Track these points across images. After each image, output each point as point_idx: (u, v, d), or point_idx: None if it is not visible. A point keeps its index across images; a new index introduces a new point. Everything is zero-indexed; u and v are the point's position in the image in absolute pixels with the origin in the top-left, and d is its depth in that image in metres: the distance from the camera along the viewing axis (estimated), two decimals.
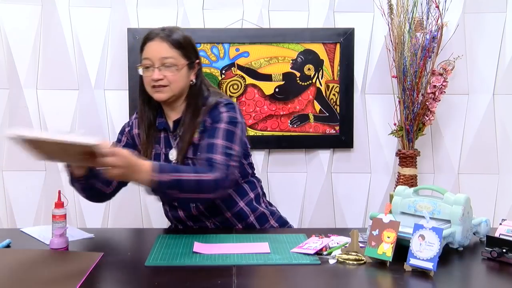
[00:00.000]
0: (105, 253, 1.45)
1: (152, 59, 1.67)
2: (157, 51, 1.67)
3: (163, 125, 1.76)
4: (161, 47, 1.67)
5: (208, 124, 1.68)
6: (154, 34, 1.69)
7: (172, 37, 1.68)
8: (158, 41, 1.67)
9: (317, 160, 2.66)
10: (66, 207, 1.53)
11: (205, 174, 1.54)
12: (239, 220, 1.79)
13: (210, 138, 1.63)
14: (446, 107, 2.62)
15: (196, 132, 1.68)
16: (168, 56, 1.66)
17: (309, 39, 2.58)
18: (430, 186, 1.65)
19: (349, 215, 2.69)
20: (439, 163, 2.68)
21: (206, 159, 1.59)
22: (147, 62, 1.68)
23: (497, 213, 2.64)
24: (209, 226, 1.78)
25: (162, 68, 1.66)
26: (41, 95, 2.59)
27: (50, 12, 2.55)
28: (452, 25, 2.54)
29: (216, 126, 1.65)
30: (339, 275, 1.32)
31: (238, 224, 1.79)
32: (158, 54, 1.66)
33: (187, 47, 1.71)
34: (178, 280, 1.29)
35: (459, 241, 1.47)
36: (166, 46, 1.67)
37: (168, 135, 1.76)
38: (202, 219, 1.77)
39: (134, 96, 2.56)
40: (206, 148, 1.62)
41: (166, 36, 1.67)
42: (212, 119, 1.68)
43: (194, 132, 1.68)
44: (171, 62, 1.67)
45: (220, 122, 1.66)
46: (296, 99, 2.60)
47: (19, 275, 1.29)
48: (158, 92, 1.68)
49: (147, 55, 1.68)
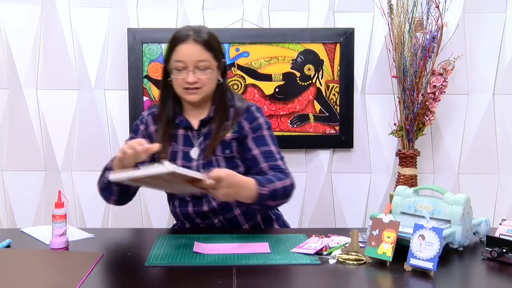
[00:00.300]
0: (105, 253, 1.45)
1: (187, 62, 1.67)
2: (191, 54, 1.67)
3: (185, 123, 1.76)
4: (195, 50, 1.67)
5: (247, 128, 1.73)
6: (185, 35, 1.68)
7: (204, 39, 1.68)
8: (191, 44, 1.67)
9: (317, 160, 2.66)
10: (66, 207, 1.53)
11: (285, 181, 1.65)
12: (247, 219, 1.78)
13: (263, 146, 1.73)
14: (446, 107, 2.62)
15: (229, 131, 1.73)
16: (202, 59, 1.67)
17: (309, 39, 2.58)
18: (430, 186, 1.65)
19: (349, 215, 2.69)
20: (439, 163, 2.68)
21: (274, 167, 1.69)
22: (181, 64, 1.68)
23: (497, 213, 2.64)
24: (216, 224, 1.77)
25: (196, 70, 1.68)
26: (41, 95, 2.59)
27: (50, 12, 2.55)
28: (452, 25, 2.54)
29: (262, 133, 1.74)
30: (339, 275, 1.32)
31: (245, 224, 1.78)
32: (193, 57, 1.67)
33: (218, 48, 1.73)
34: (178, 280, 1.29)
35: (459, 241, 1.47)
36: (200, 49, 1.67)
37: (188, 133, 1.76)
38: (210, 216, 1.76)
39: (134, 96, 2.57)
40: (265, 156, 1.71)
41: (199, 38, 1.68)
42: (251, 123, 1.74)
43: (227, 131, 1.73)
44: (206, 65, 1.68)
45: (262, 128, 1.75)
46: (296, 99, 2.61)
47: (19, 275, 1.29)
48: (192, 94, 1.70)
49: (181, 58, 1.67)
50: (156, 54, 2.57)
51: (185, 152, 1.75)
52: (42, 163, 2.61)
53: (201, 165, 1.72)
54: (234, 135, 1.73)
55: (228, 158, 1.73)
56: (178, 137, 1.76)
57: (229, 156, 1.74)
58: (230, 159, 1.74)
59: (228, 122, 1.74)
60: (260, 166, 1.70)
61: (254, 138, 1.73)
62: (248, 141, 1.73)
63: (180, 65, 1.68)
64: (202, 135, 1.75)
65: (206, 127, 1.75)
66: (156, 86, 2.57)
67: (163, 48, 2.56)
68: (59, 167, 2.61)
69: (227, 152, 1.72)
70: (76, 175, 2.63)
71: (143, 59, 2.56)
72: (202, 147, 1.73)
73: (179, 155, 1.75)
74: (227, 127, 1.73)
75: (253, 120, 1.75)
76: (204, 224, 1.77)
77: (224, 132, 1.73)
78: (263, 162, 1.70)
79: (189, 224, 1.80)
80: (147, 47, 2.56)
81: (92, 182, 2.61)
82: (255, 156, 1.71)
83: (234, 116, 1.74)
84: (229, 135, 1.73)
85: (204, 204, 1.74)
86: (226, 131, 1.73)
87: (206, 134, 1.74)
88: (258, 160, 1.71)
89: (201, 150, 1.73)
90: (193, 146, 1.75)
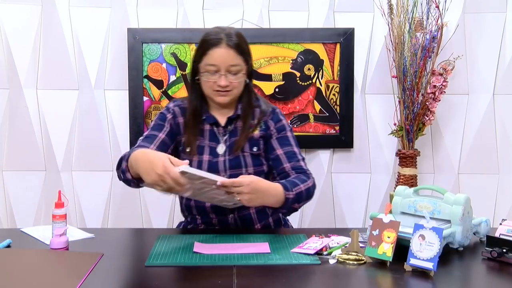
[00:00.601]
0: (105, 253, 1.45)
1: (219, 66, 1.70)
2: (225, 58, 1.69)
3: (212, 119, 1.79)
4: (229, 55, 1.70)
5: (272, 128, 1.80)
6: (218, 39, 1.70)
7: (237, 43, 1.71)
8: (225, 48, 1.70)
9: (317, 160, 2.66)
10: (66, 207, 1.53)
11: (307, 182, 1.71)
12: (260, 219, 1.80)
13: (287, 146, 1.79)
14: (446, 107, 2.62)
15: (256, 129, 1.79)
16: (235, 63, 1.71)
17: (309, 39, 2.58)
18: (430, 186, 1.65)
19: (349, 215, 2.69)
20: (439, 163, 2.68)
21: (296, 167, 1.75)
22: (213, 68, 1.70)
23: (497, 213, 2.64)
24: (230, 220, 1.78)
25: (227, 74, 1.71)
26: (41, 95, 2.59)
27: (50, 12, 2.55)
28: (452, 25, 2.54)
29: (286, 134, 1.81)
30: (339, 275, 1.32)
31: (258, 223, 1.80)
32: (226, 62, 1.70)
33: (247, 51, 1.77)
34: (178, 280, 1.29)
35: (459, 241, 1.47)
36: (233, 53, 1.70)
37: (214, 129, 1.79)
38: (226, 212, 1.77)
39: (134, 96, 2.57)
40: (288, 156, 1.77)
41: (231, 42, 1.70)
42: (275, 124, 1.81)
43: (254, 129, 1.78)
44: (237, 69, 1.72)
45: (286, 129, 1.82)
46: (296, 99, 2.61)
47: (19, 275, 1.29)
48: (222, 97, 1.74)
49: (214, 62, 1.70)
50: (156, 54, 2.57)
51: (211, 147, 1.78)
52: (42, 163, 2.61)
53: (228, 161, 1.76)
54: (261, 133, 1.80)
55: (254, 155, 1.78)
56: (204, 132, 1.80)
57: (256, 153, 1.79)
58: (256, 157, 1.79)
59: (253, 121, 1.80)
60: (283, 166, 1.76)
61: (278, 139, 1.80)
62: (272, 141, 1.80)
63: (212, 69, 1.71)
64: (228, 132, 1.79)
65: (232, 124, 1.80)
66: (156, 86, 2.57)
67: (163, 48, 2.56)
68: (59, 167, 2.61)
69: (254, 149, 1.78)
70: (76, 175, 2.63)
71: (143, 59, 2.56)
72: (228, 144, 1.78)
73: (206, 150, 1.78)
74: (253, 126, 1.79)
75: (278, 121, 1.82)
76: (217, 220, 1.78)
77: (251, 130, 1.78)
78: (286, 162, 1.76)
79: (201, 219, 1.80)
80: (147, 47, 2.56)
81: (92, 182, 2.64)
82: (278, 156, 1.78)
83: (261, 115, 1.81)
84: (256, 132, 1.79)
85: None
86: (254, 128, 1.79)
87: (232, 131, 1.79)
88: (281, 160, 1.77)
89: (227, 146, 1.78)
90: (219, 142, 1.78)
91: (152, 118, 2.57)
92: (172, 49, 2.57)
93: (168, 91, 2.58)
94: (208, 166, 1.75)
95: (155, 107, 2.58)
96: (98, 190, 2.63)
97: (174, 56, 2.57)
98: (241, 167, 1.76)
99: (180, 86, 2.58)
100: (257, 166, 1.78)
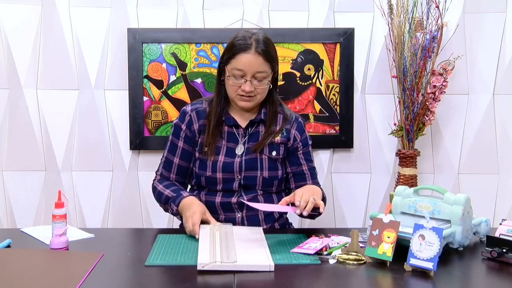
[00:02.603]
0: (105, 253, 1.45)
1: (246, 72, 1.71)
2: (252, 65, 1.71)
3: (232, 121, 1.82)
4: (257, 62, 1.71)
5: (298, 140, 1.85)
6: (248, 45, 1.71)
7: (265, 50, 1.72)
8: (254, 55, 1.71)
9: (317, 160, 2.66)
10: (66, 207, 1.53)
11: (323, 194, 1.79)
12: (267, 220, 1.83)
13: (309, 162, 1.88)
14: (446, 107, 2.62)
15: (278, 135, 1.82)
16: (262, 70, 1.72)
17: (309, 39, 2.58)
18: (430, 186, 1.65)
19: (349, 215, 2.69)
20: (439, 163, 2.68)
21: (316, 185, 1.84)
22: (239, 73, 1.72)
23: (497, 213, 2.64)
24: (237, 219, 1.80)
25: (253, 80, 1.72)
26: (41, 95, 2.59)
27: (50, 12, 2.55)
28: (452, 25, 2.54)
29: (308, 149, 1.89)
30: (339, 275, 1.32)
31: (264, 225, 1.82)
32: (253, 68, 1.71)
33: (275, 58, 1.78)
34: (178, 280, 1.29)
35: (459, 241, 1.47)
36: (261, 60, 1.71)
37: (234, 131, 1.82)
38: (235, 209, 1.80)
39: (134, 96, 2.57)
40: (311, 173, 1.87)
41: (260, 49, 1.71)
42: (301, 135, 1.86)
43: (276, 134, 1.82)
44: (263, 76, 1.73)
45: (308, 144, 1.88)
46: (296, 99, 2.61)
47: (19, 275, 1.29)
48: (245, 102, 1.76)
49: (241, 67, 1.71)
50: (156, 54, 2.57)
51: (228, 148, 1.81)
52: (42, 163, 2.61)
53: (244, 162, 1.79)
54: (282, 139, 1.82)
55: (272, 160, 1.81)
56: (223, 133, 1.82)
57: (274, 158, 1.81)
58: (273, 161, 1.82)
59: (276, 126, 1.82)
60: (306, 183, 1.84)
61: (304, 153, 1.85)
62: (299, 154, 1.85)
63: (238, 73, 1.72)
64: (248, 135, 1.82)
65: (253, 127, 1.82)
66: (156, 86, 2.57)
67: (163, 48, 2.56)
68: (59, 167, 2.61)
69: (273, 153, 1.81)
70: (76, 175, 2.63)
71: (143, 59, 2.56)
72: (247, 147, 1.80)
73: (222, 151, 1.80)
74: (275, 131, 1.82)
75: (302, 133, 1.88)
76: (225, 218, 1.80)
77: (274, 135, 1.81)
78: (309, 179, 1.85)
79: None
80: (147, 47, 2.56)
81: (92, 182, 2.64)
82: (303, 172, 1.85)
83: (284, 122, 1.84)
84: (278, 138, 1.82)
85: (234, 196, 1.79)
86: (276, 134, 1.82)
87: (252, 134, 1.82)
88: (306, 176, 1.85)
89: (246, 148, 1.80)
90: (238, 143, 1.81)
91: (152, 118, 2.57)
92: (172, 49, 2.57)
93: (168, 91, 2.58)
94: (223, 166, 1.78)
95: (155, 107, 2.58)
96: (98, 190, 2.63)
97: (174, 56, 2.57)
98: (257, 169, 1.79)
99: (180, 86, 2.58)
100: (272, 170, 1.81)
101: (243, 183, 1.79)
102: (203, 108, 1.84)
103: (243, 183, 1.79)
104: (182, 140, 1.84)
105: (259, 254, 1.39)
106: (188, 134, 1.83)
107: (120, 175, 2.63)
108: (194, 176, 1.84)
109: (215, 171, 1.78)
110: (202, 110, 1.84)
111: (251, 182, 1.79)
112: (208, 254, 1.36)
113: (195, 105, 1.87)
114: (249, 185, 1.80)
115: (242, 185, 1.79)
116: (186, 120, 1.84)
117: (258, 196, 1.81)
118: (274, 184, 1.82)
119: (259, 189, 1.81)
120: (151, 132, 2.58)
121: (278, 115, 1.85)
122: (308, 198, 1.54)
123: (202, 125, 1.82)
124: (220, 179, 1.79)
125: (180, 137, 1.84)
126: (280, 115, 1.85)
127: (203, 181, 1.81)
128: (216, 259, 1.32)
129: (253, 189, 1.81)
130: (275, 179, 1.81)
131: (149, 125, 2.58)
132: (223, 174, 1.78)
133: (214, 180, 1.79)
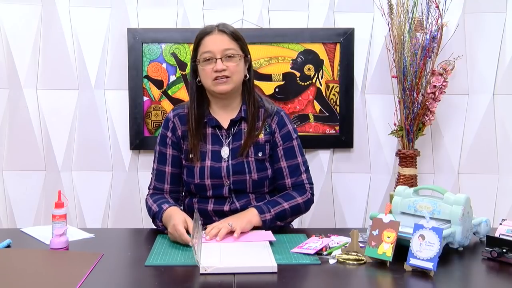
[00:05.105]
0: (105, 253, 1.45)
1: (214, 51, 1.72)
2: (218, 43, 1.72)
3: (215, 122, 1.79)
4: (223, 39, 1.73)
5: (277, 135, 1.80)
6: (211, 28, 1.76)
7: (230, 30, 1.75)
8: (218, 34, 1.74)
9: (317, 160, 2.66)
10: (66, 207, 1.53)
11: (296, 199, 1.76)
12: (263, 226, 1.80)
13: (292, 159, 1.80)
14: (446, 107, 2.62)
15: (261, 133, 1.79)
16: (229, 47, 1.73)
17: (309, 39, 2.58)
18: (430, 186, 1.65)
19: (349, 215, 2.69)
20: (439, 163, 2.68)
21: (296, 184, 1.80)
22: (208, 54, 1.72)
23: (497, 213, 2.64)
24: None
25: (224, 59, 1.72)
26: (41, 95, 2.59)
27: (50, 12, 2.55)
28: (452, 25, 2.54)
29: (291, 143, 1.81)
30: (339, 275, 1.32)
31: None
32: (220, 46, 1.72)
33: (243, 40, 1.79)
34: (178, 280, 1.29)
35: (459, 241, 1.47)
36: (226, 38, 1.74)
37: (217, 133, 1.79)
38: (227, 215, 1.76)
39: (134, 96, 2.57)
40: (291, 170, 1.79)
41: (225, 29, 1.74)
42: (280, 130, 1.81)
43: (259, 132, 1.79)
44: (233, 53, 1.73)
45: (291, 138, 1.81)
46: (296, 99, 2.61)
47: (19, 275, 1.29)
48: (222, 84, 1.73)
49: (208, 48, 1.72)
50: (156, 54, 2.57)
51: (213, 151, 1.78)
52: (42, 163, 2.61)
53: (231, 166, 1.75)
54: (267, 137, 1.79)
55: (259, 161, 1.78)
56: (207, 136, 1.79)
57: (261, 159, 1.78)
58: (261, 162, 1.79)
59: (258, 122, 1.79)
60: (284, 181, 1.80)
61: (284, 149, 1.80)
62: (278, 151, 1.80)
63: (207, 55, 1.72)
64: (232, 135, 1.78)
65: (236, 127, 1.79)
66: (156, 86, 2.57)
67: (163, 48, 2.56)
68: (59, 167, 2.61)
69: (259, 154, 1.78)
70: (76, 175, 2.63)
71: (143, 59, 2.56)
72: (232, 147, 1.77)
73: (208, 155, 1.77)
74: (259, 128, 1.79)
75: (283, 127, 1.81)
76: None
77: (256, 133, 1.78)
78: (287, 178, 1.79)
79: (203, 221, 1.81)
80: (147, 47, 2.56)
81: (92, 182, 2.64)
82: (282, 169, 1.80)
83: (265, 117, 1.80)
84: (261, 136, 1.78)
85: (226, 204, 1.77)
86: (259, 131, 1.78)
87: (235, 134, 1.79)
88: (283, 174, 1.79)
89: (231, 150, 1.77)
90: (222, 145, 1.78)
91: (152, 118, 2.57)
92: (172, 49, 2.57)
93: (168, 91, 2.58)
94: (211, 172, 1.75)
95: (155, 107, 2.58)
96: (98, 190, 2.63)
97: (174, 56, 2.57)
98: (245, 173, 1.76)
99: (180, 86, 2.58)
100: (261, 171, 1.78)
101: (233, 188, 1.76)
102: (185, 113, 1.82)
103: (233, 188, 1.76)
104: (170, 147, 1.81)
105: (261, 255, 1.39)
106: (174, 140, 1.81)
107: (120, 175, 2.63)
108: (184, 184, 1.83)
109: (203, 178, 1.76)
110: (184, 114, 1.82)
111: (241, 186, 1.77)
112: (211, 257, 1.36)
113: (177, 110, 1.85)
114: (240, 189, 1.77)
115: (232, 190, 1.76)
116: (170, 127, 1.82)
117: (251, 200, 1.78)
118: (265, 185, 1.80)
119: (250, 192, 1.78)
120: (151, 132, 2.58)
121: (259, 110, 1.81)
122: (221, 226, 1.57)
123: (185, 131, 1.80)
124: (209, 185, 1.76)
125: (167, 144, 1.82)
126: (261, 109, 1.81)
127: (193, 188, 1.79)
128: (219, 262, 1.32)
129: (244, 193, 1.78)
130: (265, 180, 1.79)
131: (149, 125, 2.58)
132: (211, 180, 1.76)
133: (204, 187, 1.77)
